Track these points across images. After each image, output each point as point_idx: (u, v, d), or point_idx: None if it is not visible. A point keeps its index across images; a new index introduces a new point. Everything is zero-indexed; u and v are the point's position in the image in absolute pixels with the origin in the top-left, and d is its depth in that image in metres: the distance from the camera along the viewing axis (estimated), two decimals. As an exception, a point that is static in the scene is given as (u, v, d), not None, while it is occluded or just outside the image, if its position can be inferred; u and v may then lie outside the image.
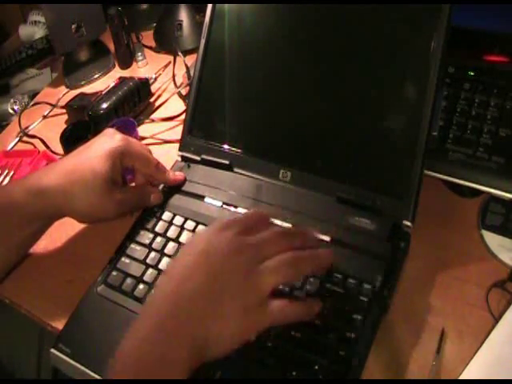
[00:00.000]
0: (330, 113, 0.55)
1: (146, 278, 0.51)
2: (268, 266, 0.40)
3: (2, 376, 0.66)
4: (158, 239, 0.54)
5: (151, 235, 0.55)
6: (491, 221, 0.57)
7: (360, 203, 0.52)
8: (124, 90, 0.75)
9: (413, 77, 0.51)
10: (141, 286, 0.50)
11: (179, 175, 0.59)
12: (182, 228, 0.54)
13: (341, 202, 0.53)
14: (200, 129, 0.61)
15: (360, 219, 0.51)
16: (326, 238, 0.51)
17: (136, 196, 0.56)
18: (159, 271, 0.51)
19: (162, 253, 0.53)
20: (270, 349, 0.44)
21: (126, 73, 0.89)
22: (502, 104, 0.58)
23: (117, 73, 0.89)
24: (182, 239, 0.54)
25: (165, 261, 0.52)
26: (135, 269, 0.52)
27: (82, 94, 0.81)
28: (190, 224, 0.55)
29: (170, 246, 0.53)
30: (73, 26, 0.84)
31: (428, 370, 0.46)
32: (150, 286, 0.50)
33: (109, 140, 0.54)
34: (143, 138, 0.74)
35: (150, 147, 0.72)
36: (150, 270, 0.51)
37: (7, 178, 0.72)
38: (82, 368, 0.46)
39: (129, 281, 0.51)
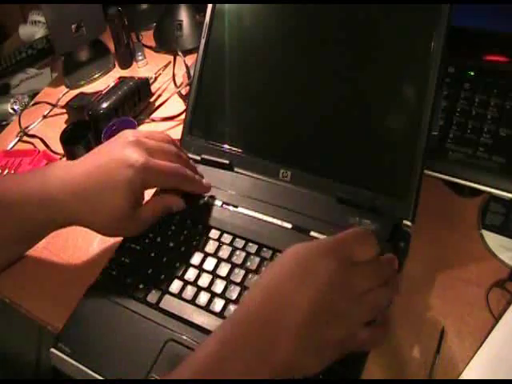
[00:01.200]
0: (330, 113, 0.55)
1: (146, 277, 0.51)
2: (367, 308, 0.38)
3: (1, 376, 0.66)
4: (158, 239, 0.54)
5: (151, 234, 0.55)
6: (491, 221, 0.57)
7: (360, 203, 0.52)
8: (124, 89, 0.75)
9: (413, 77, 0.51)
10: (141, 286, 0.50)
11: (207, 183, 0.56)
12: (180, 228, 0.54)
13: (341, 202, 0.53)
14: (200, 128, 0.61)
15: (360, 219, 0.51)
16: (326, 238, 0.51)
17: (157, 210, 0.53)
18: (159, 271, 0.51)
19: (161, 252, 0.53)
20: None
21: (125, 73, 0.89)
22: (501, 104, 0.58)
23: (117, 73, 0.89)
24: (182, 239, 0.54)
25: (165, 260, 0.52)
26: (135, 268, 0.52)
27: (82, 94, 0.81)
28: (189, 223, 0.55)
29: (170, 245, 0.53)
30: (73, 26, 0.84)
31: (428, 369, 0.46)
32: (149, 285, 0.50)
33: (128, 168, 0.49)
34: (143, 138, 0.74)
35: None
36: (150, 270, 0.51)
37: (7, 178, 0.72)
38: (82, 367, 0.46)
39: (129, 280, 0.51)
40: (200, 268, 0.51)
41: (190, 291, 0.49)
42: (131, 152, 0.49)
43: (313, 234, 0.51)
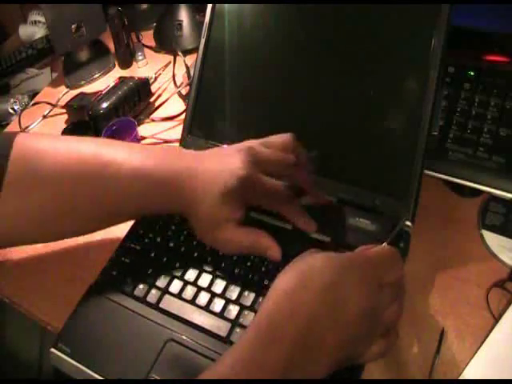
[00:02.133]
0: (330, 113, 0.55)
1: (146, 277, 0.51)
2: (384, 325, 0.39)
3: (3, 376, 0.66)
4: (158, 239, 0.54)
5: (151, 234, 0.55)
6: (491, 221, 0.57)
7: (360, 204, 0.51)
8: (124, 89, 0.75)
9: (413, 77, 0.51)
10: (141, 286, 0.50)
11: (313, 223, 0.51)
12: (180, 228, 0.54)
13: (341, 203, 0.52)
14: (200, 128, 0.61)
15: (360, 219, 0.51)
16: (327, 239, 0.51)
17: (252, 244, 0.47)
18: (158, 271, 0.51)
19: (161, 252, 0.53)
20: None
21: (125, 73, 0.89)
22: (502, 104, 0.58)
23: (117, 73, 0.89)
24: (182, 239, 0.54)
25: (164, 259, 0.52)
26: (135, 268, 0.52)
27: (82, 94, 0.81)
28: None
29: (170, 245, 0.53)
30: (73, 26, 0.84)
31: (428, 369, 0.46)
32: (149, 285, 0.50)
33: (230, 176, 0.45)
34: (143, 138, 0.74)
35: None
36: (150, 270, 0.51)
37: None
38: (82, 367, 0.46)
39: (129, 280, 0.51)
40: (200, 268, 0.51)
41: (189, 291, 0.49)
42: (237, 160, 0.46)
43: (313, 234, 0.51)
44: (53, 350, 0.48)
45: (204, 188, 0.46)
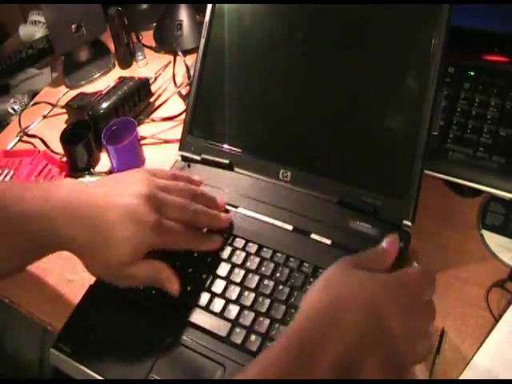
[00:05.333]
0: (330, 113, 0.55)
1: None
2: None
3: (3, 376, 0.66)
4: (158, 239, 0.54)
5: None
6: (491, 221, 0.57)
7: (360, 204, 0.51)
8: (124, 89, 0.75)
9: (413, 77, 0.51)
10: (141, 286, 0.50)
11: (226, 217, 0.51)
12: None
13: (341, 204, 0.52)
14: (200, 128, 0.61)
15: (360, 222, 0.51)
16: (327, 241, 0.51)
17: (151, 277, 0.47)
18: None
19: (160, 252, 0.53)
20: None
21: (125, 73, 0.89)
22: (502, 104, 0.58)
23: (117, 73, 0.89)
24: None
25: (165, 259, 0.52)
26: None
27: (82, 94, 0.81)
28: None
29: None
30: (73, 26, 0.84)
31: (428, 370, 0.46)
32: (149, 285, 0.50)
33: (138, 227, 0.44)
34: (143, 138, 0.74)
35: (150, 147, 0.72)
36: (150, 270, 0.51)
37: (7, 178, 0.72)
38: (82, 368, 0.46)
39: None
40: (200, 268, 0.51)
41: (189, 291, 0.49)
42: (144, 209, 0.45)
43: (313, 236, 0.51)
44: (53, 350, 0.48)
45: (94, 228, 0.44)
